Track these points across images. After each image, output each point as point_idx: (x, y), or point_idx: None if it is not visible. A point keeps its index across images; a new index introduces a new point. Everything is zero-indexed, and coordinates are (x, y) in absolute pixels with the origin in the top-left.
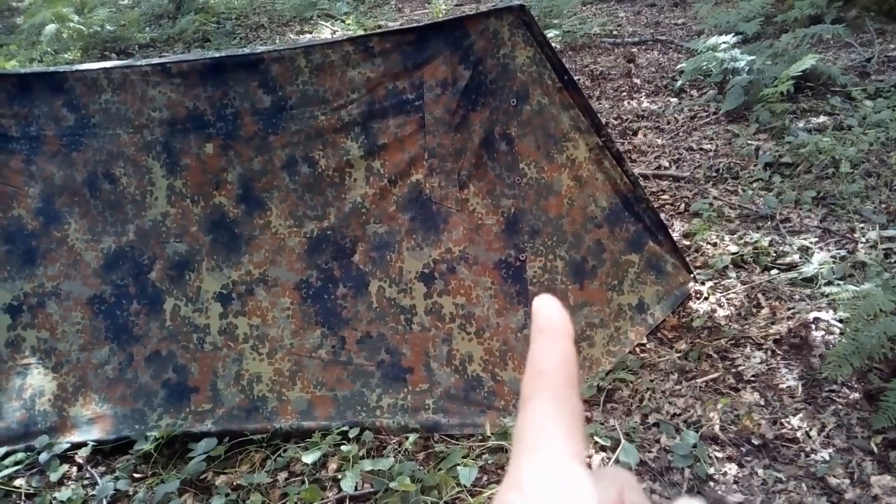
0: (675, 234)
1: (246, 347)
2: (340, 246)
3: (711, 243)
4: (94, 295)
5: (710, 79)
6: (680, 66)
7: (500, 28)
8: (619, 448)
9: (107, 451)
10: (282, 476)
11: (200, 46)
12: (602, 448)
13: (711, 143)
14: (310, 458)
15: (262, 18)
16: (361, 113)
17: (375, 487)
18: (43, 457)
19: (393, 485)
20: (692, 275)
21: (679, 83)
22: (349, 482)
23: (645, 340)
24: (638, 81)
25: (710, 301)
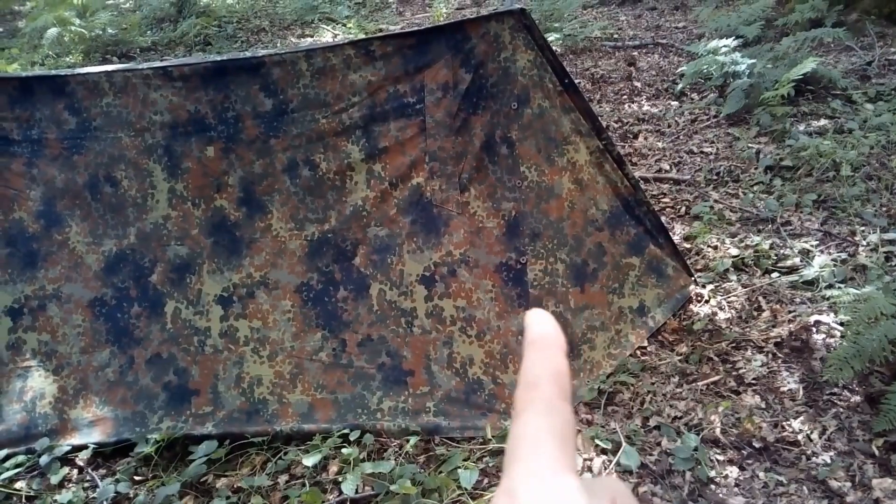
0: (675, 238)
1: (247, 350)
2: (341, 249)
3: (712, 246)
4: (94, 298)
5: (711, 82)
6: (681, 69)
7: (501, 32)
8: (620, 451)
9: (107, 454)
10: (282, 479)
11: (202, 50)
12: (603, 451)
13: (712, 147)
14: (310, 460)
15: (264, 22)
16: (362, 116)
17: (376, 490)
18: (43, 459)
19: (394, 488)
20: (693, 278)
21: (680, 86)
22: (350, 485)
23: (646, 343)
24: (639, 85)
25: (710, 304)
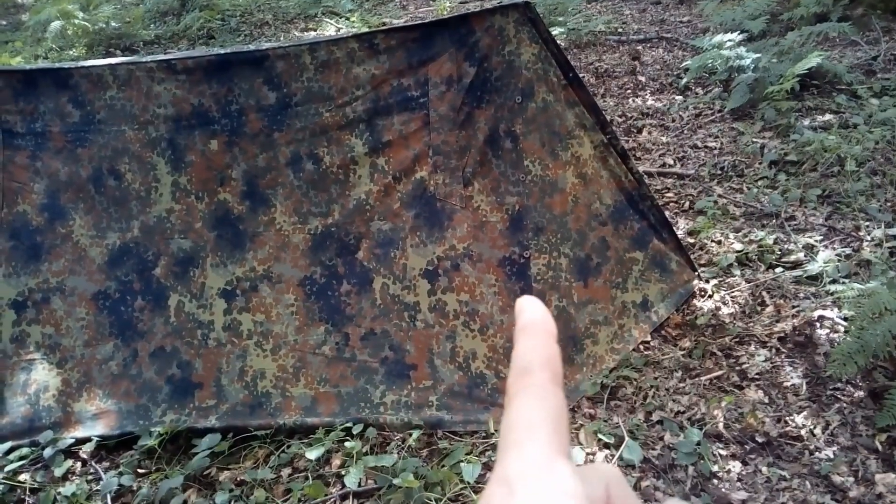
0: (679, 232)
1: (250, 344)
2: (344, 243)
3: (716, 241)
4: (98, 291)
5: (716, 76)
6: (685, 63)
7: (506, 25)
8: (623, 445)
9: (111, 447)
10: (285, 472)
11: (205, 43)
12: (606, 445)
13: (716, 141)
14: (313, 454)
15: (267, 15)
16: (366, 110)
17: (379, 484)
18: (47, 452)
19: (396, 481)
20: (696, 272)
21: (684, 81)
22: (353, 478)
23: (649, 338)
24: (643, 79)
25: (714, 299)
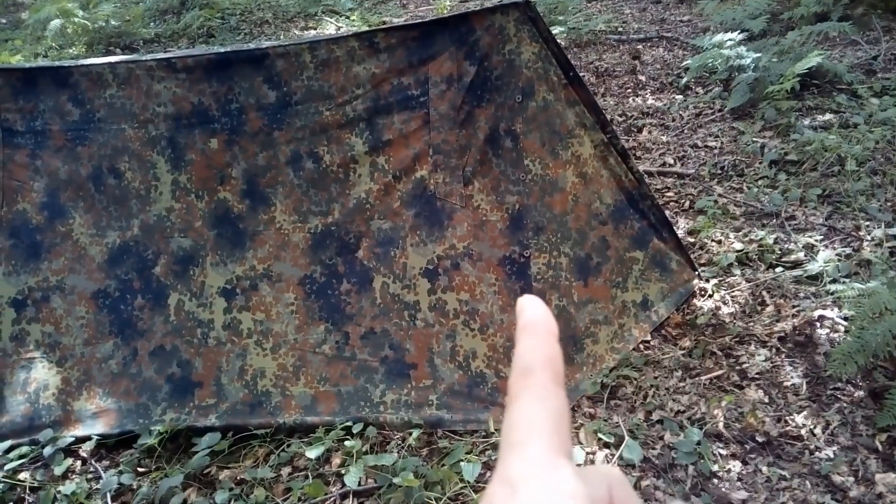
0: (679, 232)
1: (250, 342)
2: (344, 242)
3: (716, 241)
4: (98, 289)
5: (716, 76)
6: (685, 63)
7: (506, 24)
8: (623, 445)
9: (111, 446)
10: (285, 471)
11: (205, 42)
12: (606, 445)
13: (716, 141)
14: (313, 453)
15: (267, 14)
16: (366, 109)
17: (379, 483)
18: (47, 451)
19: (396, 480)
20: (697, 272)
21: (684, 80)
22: (352, 477)
23: (649, 337)
24: (643, 78)
25: (714, 298)
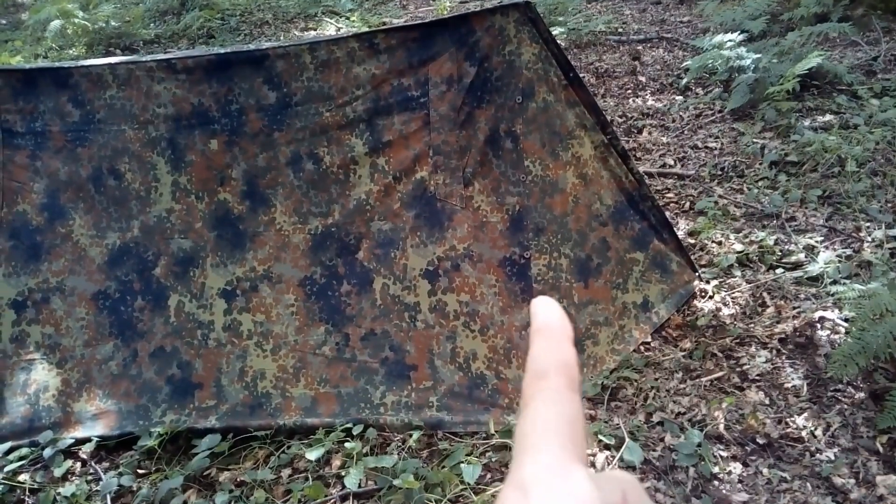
0: (680, 233)
1: (250, 344)
2: (345, 243)
3: (716, 242)
4: (98, 290)
5: (716, 77)
6: (685, 63)
7: (506, 25)
8: (624, 447)
9: (111, 447)
10: (285, 473)
11: (205, 43)
12: (606, 447)
13: (717, 142)
14: (313, 454)
15: (267, 15)
16: (366, 110)
17: (379, 484)
18: (47, 452)
19: (396, 482)
20: (697, 273)
21: (684, 81)
22: (353, 479)
23: (649, 339)
24: (643, 79)
25: (715, 300)
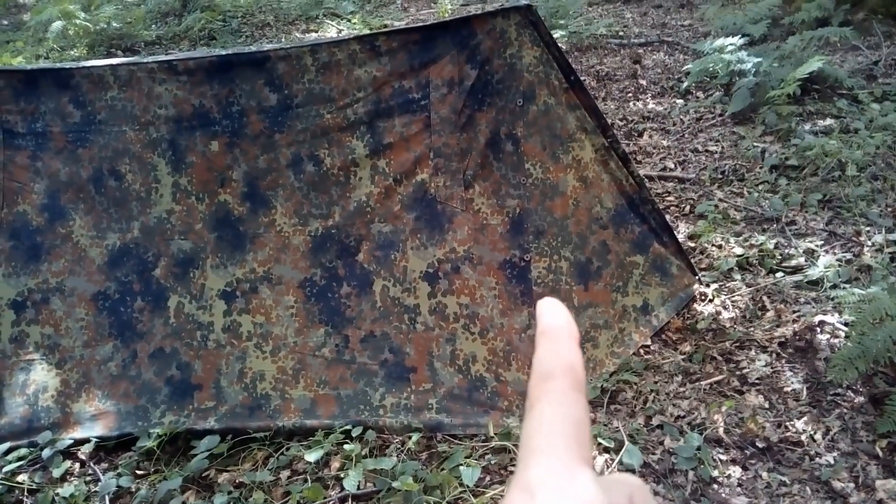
0: (680, 236)
1: (249, 345)
2: (345, 245)
3: (717, 245)
4: (98, 291)
5: (717, 80)
6: (686, 67)
7: (507, 28)
8: (623, 450)
9: (109, 448)
10: (284, 474)
11: (206, 44)
12: (605, 450)
13: (717, 145)
14: (312, 456)
15: (268, 17)
16: (367, 112)
17: (378, 486)
18: (46, 453)
19: (395, 484)
20: (697, 277)
21: (685, 85)
22: (352, 481)
23: (649, 342)
24: (644, 83)
25: (714, 303)
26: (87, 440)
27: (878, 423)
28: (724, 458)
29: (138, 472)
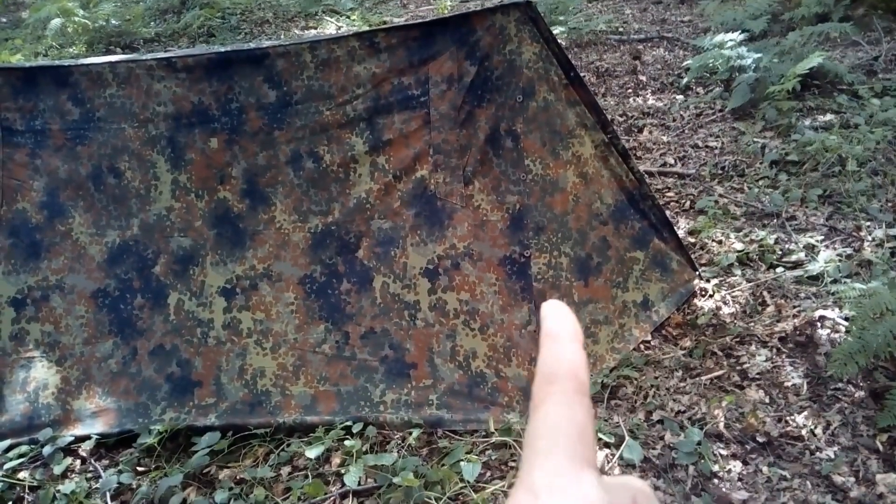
0: (680, 232)
1: (250, 342)
2: (345, 241)
3: (717, 241)
4: (98, 289)
5: (717, 76)
6: (686, 63)
7: (507, 24)
8: (624, 445)
9: (110, 445)
10: (285, 470)
11: (205, 41)
12: (606, 445)
13: (717, 141)
14: (313, 452)
15: (267, 14)
16: (367, 108)
17: (378, 482)
18: (46, 450)
19: (396, 480)
20: (697, 272)
21: (685, 80)
22: (352, 477)
23: (649, 338)
24: (644, 79)
25: (715, 298)
26: (87, 437)
27: (879, 417)
28: (724, 452)
29: (139, 469)
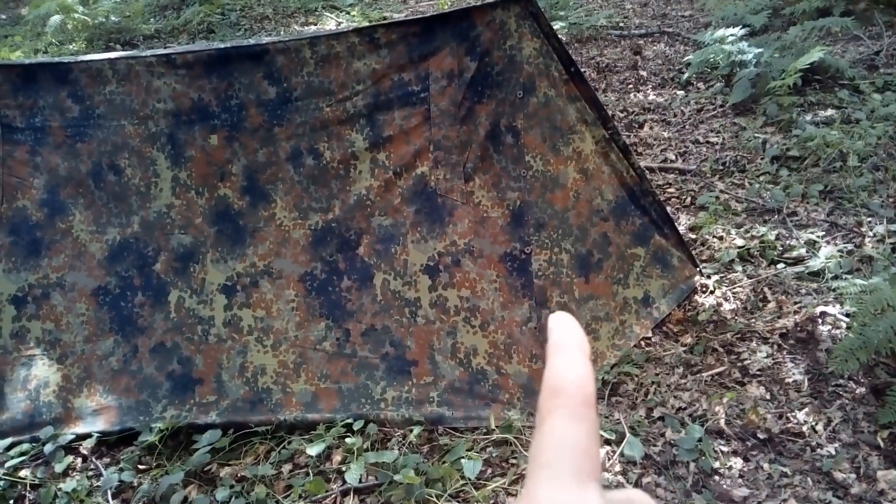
0: (681, 228)
1: (250, 339)
2: (345, 238)
3: (717, 237)
4: (98, 286)
5: (717, 71)
6: (687, 58)
7: (507, 19)
8: (624, 442)
9: (111, 443)
10: (286, 468)
11: (205, 37)
12: (607, 442)
13: (718, 136)
14: (314, 450)
15: (267, 10)
16: (367, 105)
17: (379, 480)
18: (48, 448)
19: (397, 477)
20: (698, 268)
21: (686, 76)
22: (353, 474)
23: (650, 334)
24: (644, 74)
25: (715, 295)
26: (88, 435)
27: (880, 413)
28: (725, 449)
29: (140, 467)
